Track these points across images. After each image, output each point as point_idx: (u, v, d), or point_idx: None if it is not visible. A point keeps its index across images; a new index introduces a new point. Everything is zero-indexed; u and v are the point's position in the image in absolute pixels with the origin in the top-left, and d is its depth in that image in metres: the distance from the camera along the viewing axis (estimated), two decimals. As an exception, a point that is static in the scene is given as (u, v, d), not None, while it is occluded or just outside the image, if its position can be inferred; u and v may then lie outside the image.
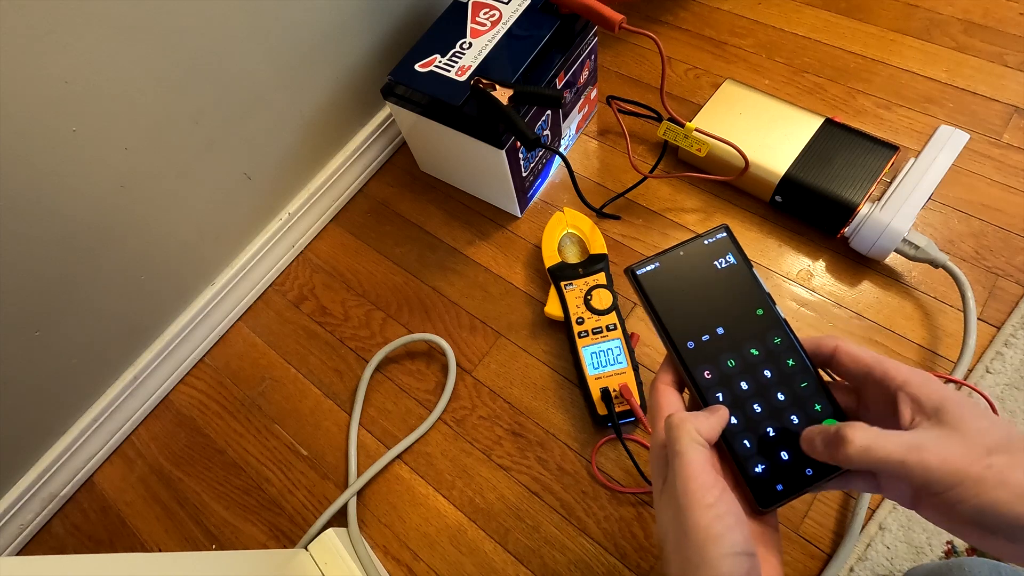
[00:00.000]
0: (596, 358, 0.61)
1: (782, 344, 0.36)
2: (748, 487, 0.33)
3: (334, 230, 0.80)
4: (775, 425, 0.34)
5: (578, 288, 0.65)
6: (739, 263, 0.37)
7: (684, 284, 0.37)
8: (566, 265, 0.67)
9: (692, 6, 0.89)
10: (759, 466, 0.33)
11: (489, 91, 0.60)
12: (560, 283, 0.66)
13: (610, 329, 0.62)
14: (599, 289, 0.65)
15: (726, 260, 0.38)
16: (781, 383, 0.35)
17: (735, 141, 0.66)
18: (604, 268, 0.66)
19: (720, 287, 0.37)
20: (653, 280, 0.37)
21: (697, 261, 0.38)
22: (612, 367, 0.61)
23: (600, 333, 0.62)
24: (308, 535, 0.60)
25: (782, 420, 0.34)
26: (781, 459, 0.34)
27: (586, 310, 0.64)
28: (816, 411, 0.34)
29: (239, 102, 0.63)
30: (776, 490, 0.33)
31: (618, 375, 0.60)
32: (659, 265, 0.37)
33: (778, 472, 0.33)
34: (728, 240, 0.37)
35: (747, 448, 0.34)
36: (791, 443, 0.33)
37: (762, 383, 0.35)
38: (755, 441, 0.34)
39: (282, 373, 0.71)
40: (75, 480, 0.68)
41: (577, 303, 0.65)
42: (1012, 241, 0.65)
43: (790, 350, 0.36)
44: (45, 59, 0.46)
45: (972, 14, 0.80)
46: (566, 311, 0.64)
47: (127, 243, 0.60)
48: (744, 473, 0.33)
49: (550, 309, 0.66)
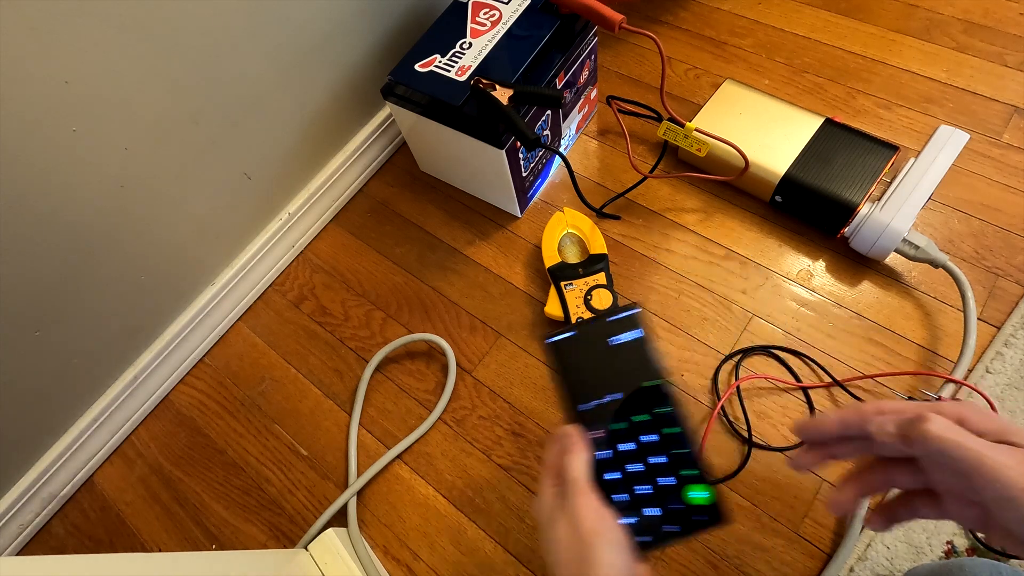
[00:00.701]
0: None
1: (668, 414, 0.40)
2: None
3: (334, 230, 0.80)
4: (651, 484, 0.39)
5: (578, 288, 0.65)
6: (643, 339, 0.42)
7: (591, 353, 0.43)
8: (566, 265, 0.67)
9: (692, 6, 0.89)
10: (631, 519, 0.38)
11: (489, 91, 0.60)
12: (560, 283, 0.66)
13: None
14: (599, 289, 0.65)
15: (631, 336, 0.43)
16: (660, 448, 0.40)
17: (735, 141, 0.66)
18: (604, 268, 0.66)
19: (622, 359, 0.42)
20: (565, 348, 0.43)
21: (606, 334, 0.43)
22: None
23: None
24: (308, 535, 0.60)
25: (655, 480, 0.39)
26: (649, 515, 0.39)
27: (586, 310, 0.64)
28: (688, 475, 0.39)
29: (239, 102, 0.63)
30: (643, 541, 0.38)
31: None
32: (573, 334, 0.43)
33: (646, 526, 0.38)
34: (637, 318, 0.42)
35: (623, 501, 0.39)
36: (663, 500, 0.39)
37: (643, 446, 0.40)
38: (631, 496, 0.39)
39: (282, 373, 0.71)
40: (75, 480, 0.68)
41: (577, 303, 0.65)
42: (1012, 241, 0.65)
43: (674, 419, 0.40)
44: (45, 59, 0.46)
45: (972, 14, 0.80)
46: (566, 311, 0.64)
47: (127, 243, 0.60)
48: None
49: (550, 309, 0.66)
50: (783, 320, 0.65)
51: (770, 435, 0.59)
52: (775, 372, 0.62)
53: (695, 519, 0.39)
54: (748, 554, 0.54)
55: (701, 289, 0.68)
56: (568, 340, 0.43)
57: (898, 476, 0.33)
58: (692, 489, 0.39)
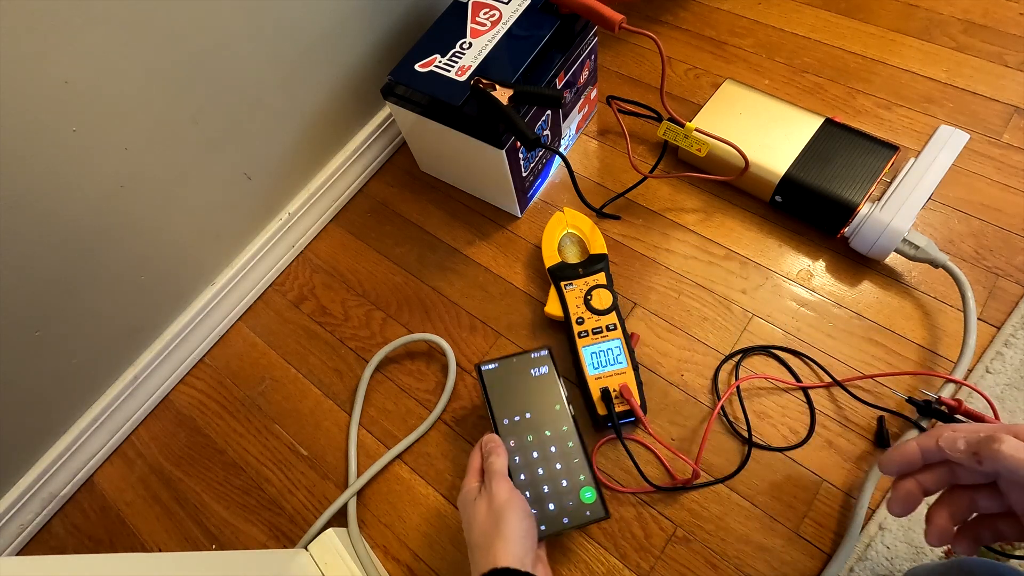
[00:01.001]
0: (596, 358, 0.61)
1: (567, 431, 0.55)
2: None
3: (334, 230, 0.80)
4: (550, 485, 0.53)
5: (578, 288, 0.65)
6: (550, 373, 0.58)
7: (512, 380, 0.58)
8: (566, 265, 0.67)
9: (692, 6, 0.89)
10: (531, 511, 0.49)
11: (489, 91, 0.60)
12: (560, 283, 0.66)
13: (610, 329, 0.62)
14: (599, 289, 0.64)
15: (541, 370, 0.58)
16: (560, 457, 0.54)
17: (735, 141, 0.66)
18: (604, 268, 0.66)
19: (535, 386, 0.57)
20: (492, 374, 0.58)
21: (523, 367, 0.58)
22: (612, 367, 0.61)
23: (600, 333, 0.62)
24: (308, 535, 0.60)
25: (555, 482, 0.53)
26: (549, 509, 0.52)
27: (586, 310, 0.64)
28: (580, 480, 0.53)
29: (239, 102, 0.63)
30: (540, 529, 0.50)
31: (618, 375, 0.60)
32: (498, 365, 0.58)
33: (545, 518, 0.52)
34: (547, 357, 0.59)
35: (527, 497, 0.51)
36: (559, 499, 0.52)
37: (547, 455, 0.54)
38: (533, 493, 0.52)
39: (282, 373, 0.71)
40: (75, 480, 0.68)
41: (577, 303, 0.64)
42: (1012, 241, 0.65)
43: (572, 435, 0.55)
44: (45, 59, 0.46)
45: (972, 14, 0.80)
46: (566, 311, 0.64)
47: (127, 243, 0.60)
48: None
49: (550, 309, 0.65)
50: (783, 320, 0.65)
51: (770, 435, 0.59)
52: (775, 372, 0.62)
53: (585, 514, 0.52)
54: (748, 554, 0.54)
55: (701, 289, 0.68)
56: (495, 369, 0.58)
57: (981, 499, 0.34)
58: (584, 490, 0.53)
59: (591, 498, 0.52)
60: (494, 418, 0.56)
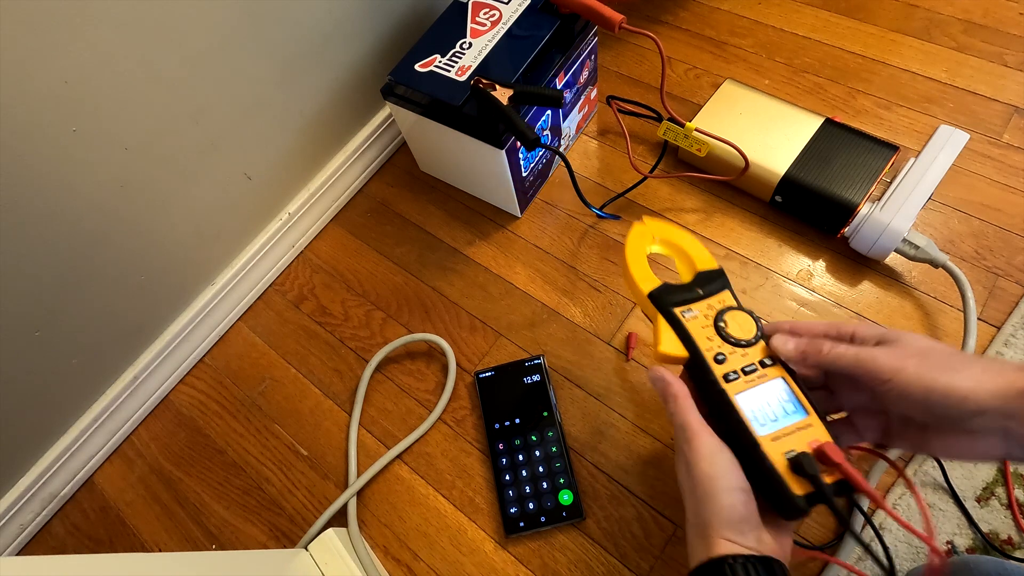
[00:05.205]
0: (762, 410, 0.40)
1: (552, 435, 0.60)
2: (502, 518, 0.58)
3: (334, 230, 0.80)
4: (532, 486, 0.58)
5: (701, 315, 0.45)
6: (541, 380, 0.62)
7: (505, 387, 0.63)
8: (676, 287, 0.46)
9: (692, 6, 0.89)
10: (513, 508, 0.58)
11: (489, 91, 0.60)
12: (673, 310, 0.45)
13: (765, 365, 0.42)
14: (733, 312, 0.44)
15: (533, 378, 0.63)
16: (543, 460, 0.59)
17: (735, 141, 0.66)
18: (727, 285, 0.47)
19: (526, 393, 0.62)
20: (487, 381, 0.64)
21: (517, 375, 0.63)
22: (788, 419, 0.39)
23: (755, 372, 0.41)
24: (308, 535, 0.60)
25: (537, 483, 0.58)
26: (528, 508, 0.57)
27: (723, 343, 0.43)
28: (560, 483, 0.58)
29: (239, 102, 0.63)
30: (519, 525, 0.57)
31: (801, 430, 0.39)
32: (493, 373, 0.64)
33: (526, 516, 0.57)
34: (540, 366, 0.63)
35: (510, 496, 0.58)
36: (539, 499, 0.57)
37: (532, 458, 0.59)
38: (516, 493, 0.58)
39: (282, 373, 0.71)
40: (75, 480, 0.68)
41: (708, 334, 0.43)
42: (1012, 241, 0.65)
43: (556, 440, 0.60)
44: (45, 59, 0.46)
45: (972, 14, 0.80)
46: (693, 347, 0.43)
47: (127, 243, 0.60)
48: (502, 510, 0.58)
49: (667, 348, 0.44)
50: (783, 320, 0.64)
51: (770, 435, 0.59)
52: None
53: (562, 515, 0.57)
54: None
55: (701, 289, 0.68)
56: (490, 377, 0.64)
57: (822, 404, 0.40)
58: (563, 492, 0.57)
59: (568, 500, 0.57)
60: (488, 421, 0.61)
